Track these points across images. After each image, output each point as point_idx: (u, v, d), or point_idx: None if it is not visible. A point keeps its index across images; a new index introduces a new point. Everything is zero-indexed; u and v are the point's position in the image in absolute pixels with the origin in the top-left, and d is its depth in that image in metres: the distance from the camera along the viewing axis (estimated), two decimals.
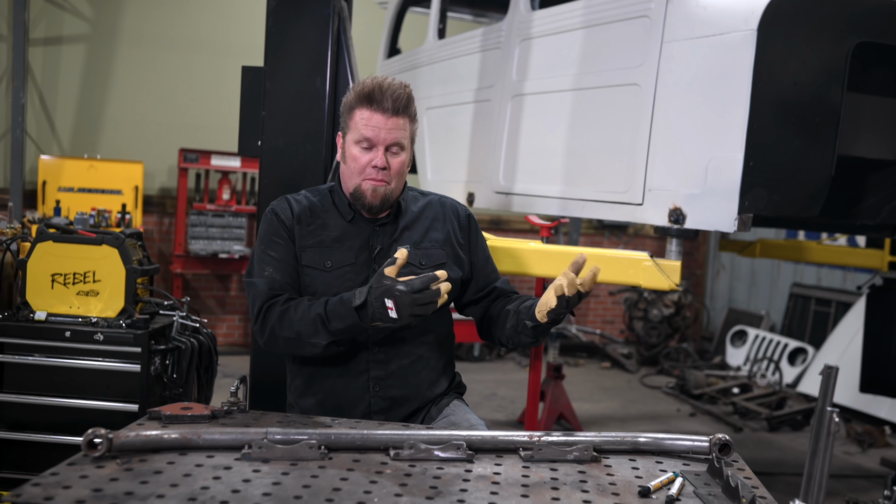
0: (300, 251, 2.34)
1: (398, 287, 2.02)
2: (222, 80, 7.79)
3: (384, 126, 2.26)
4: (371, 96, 2.25)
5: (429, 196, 2.53)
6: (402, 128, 2.29)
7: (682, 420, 6.60)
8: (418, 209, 2.45)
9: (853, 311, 7.56)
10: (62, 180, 7.18)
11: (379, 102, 2.25)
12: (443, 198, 2.54)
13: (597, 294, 9.52)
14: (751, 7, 2.65)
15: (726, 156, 2.68)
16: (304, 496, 1.58)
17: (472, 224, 2.52)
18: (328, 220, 2.38)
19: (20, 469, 3.31)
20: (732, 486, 1.72)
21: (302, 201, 2.41)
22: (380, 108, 2.25)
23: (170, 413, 2.01)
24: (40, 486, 1.55)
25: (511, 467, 1.85)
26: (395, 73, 5.30)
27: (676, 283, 2.87)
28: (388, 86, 2.26)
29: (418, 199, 2.49)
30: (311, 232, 2.36)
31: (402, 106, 2.27)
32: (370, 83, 2.27)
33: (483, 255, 2.53)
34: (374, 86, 2.26)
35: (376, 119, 2.26)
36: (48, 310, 3.30)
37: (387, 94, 2.24)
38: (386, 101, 2.24)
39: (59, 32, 7.50)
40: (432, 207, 2.48)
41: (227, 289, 8.10)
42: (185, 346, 3.40)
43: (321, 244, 2.34)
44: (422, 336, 2.38)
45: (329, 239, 2.35)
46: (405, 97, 2.28)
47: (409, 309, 2.02)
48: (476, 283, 2.50)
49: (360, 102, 2.27)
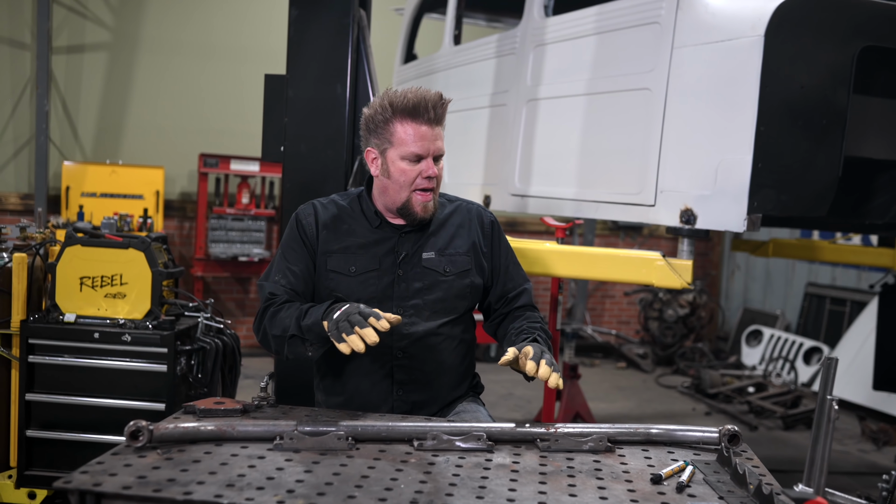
0: (326, 256, 2.38)
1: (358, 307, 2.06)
2: (241, 85, 7.92)
3: (430, 137, 2.28)
4: (416, 109, 2.26)
5: (455, 202, 2.55)
6: (442, 136, 2.33)
7: (698, 419, 6.65)
8: (444, 216, 2.48)
9: (868, 310, 7.57)
10: (85, 185, 7.32)
11: (423, 114, 2.27)
12: (469, 203, 2.57)
13: (612, 295, 9.58)
14: (758, 13, 2.73)
15: (735, 158, 2.76)
16: (335, 483, 1.68)
17: (495, 231, 2.54)
18: (354, 225, 2.42)
19: (51, 467, 3.43)
20: (740, 472, 1.80)
21: (329, 207, 2.45)
22: (425, 120, 2.27)
23: (204, 407, 2.11)
24: (88, 474, 1.65)
25: (529, 457, 1.94)
26: (411, 78, 5.40)
27: (688, 282, 2.95)
28: (429, 98, 2.27)
29: (445, 205, 2.51)
30: (336, 237, 2.39)
31: (441, 115, 2.30)
32: (412, 96, 2.27)
33: (504, 262, 2.54)
34: (418, 99, 2.26)
35: (423, 131, 2.27)
36: (77, 312, 3.41)
37: (429, 104, 2.26)
38: (430, 112, 2.27)
39: (81, 40, 7.65)
40: (459, 214, 2.50)
41: (247, 291, 8.22)
42: (210, 347, 3.49)
43: (346, 249, 2.38)
44: (445, 342, 2.43)
45: (355, 245, 2.39)
46: (444, 108, 2.31)
47: (342, 316, 2.03)
48: (494, 291, 2.53)
49: (403, 116, 2.28)
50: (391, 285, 2.37)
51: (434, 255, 2.40)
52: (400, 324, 2.29)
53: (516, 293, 2.54)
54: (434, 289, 2.39)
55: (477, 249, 2.47)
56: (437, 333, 2.40)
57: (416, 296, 2.38)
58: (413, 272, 2.38)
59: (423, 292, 2.38)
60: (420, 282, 2.38)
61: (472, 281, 2.45)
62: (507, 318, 2.52)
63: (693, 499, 1.72)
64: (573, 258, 3.23)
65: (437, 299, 2.39)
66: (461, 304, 2.45)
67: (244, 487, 1.63)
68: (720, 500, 1.71)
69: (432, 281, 2.39)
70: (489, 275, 2.51)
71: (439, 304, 2.40)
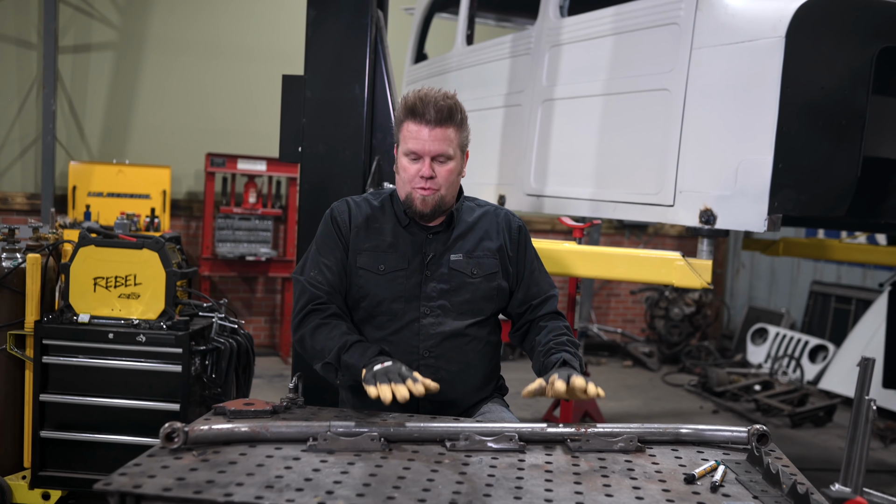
0: (356, 254, 2.42)
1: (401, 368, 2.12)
2: (248, 84, 7.92)
3: (428, 138, 2.31)
4: (414, 109, 2.32)
5: (484, 206, 2.57)
6: (447, 137, 2.33)
7: (706, 417, 6.67)
8: (473, 219, 2.50)
9: (874, 308, 7.60)
10: (92, 185, 7.31)
11: (422, 115, 2.31)
12: (497, 208, 2.59)
13: (617, 293, 9.60)
14: (779, 15, 2.74)
15: (756, 158, 2.78)
16: (373, 483, 1.69)
17: (521, 236, 2.56)
18: (385, 224, 2.46)
19: (65, 467, 3.43)
20: (773, 472, 1.81)
21: (362, 205, 2.49)
22: (423, 121, 2.31)
23: (234, 409, 2.12)
24: (127, 476, 1.66)
25: (560, 457, 1.96)
26: (422, 78, 5.41)
27: (708, 282, 2.96)
28: (431, 98, 2.31)
29: (474, 209, 2.53)
30: (367, 236, 2.43)
31: (444, 116, 2.31)
32: (412, 96, 2.34)
33: (529, 267, 2.55)
34: (416, 99, 2.32)
35: (420, 131, 2.32)
36: (91, 312, 3.40)
37: (428, 106, 2.30)
38: (428, 113, 2.30)
39: (87, 40, 7.64)
40: (487, 218, 2.52)
41: (254, 291, 8.23)
42: (224, 347, 3.49)
43: (377, 248, 2.42)
44: (472, 344, 2.45)
45: (385, 244, 2.43)
46: (447, 108, 2.32)
47: (382, 371, 2.11)
48: (517, 296, 2.54)
49: (406, 116, 2.34)
50: (419, 285, 2.40)
51: (462, 257, 2.43)
52: (427, 323, 2.31)
53: (541, 300, 2.54)
54: (461, 290, 2.41)
55: (504, 253, 2.49)
56: (463, 334, 2.42)
57: (442, 297, 2.40)
58: (440, 273, 2.41)
59: (449, 294, 2.41)
60: (447, 283, 2.41)
61: (498, 284, 2.47)
62: (532, 329, 2.53)
63: (728, 498, 1.73)
64: (593, 258, 3.24)
65: (463, 301, 2.42)
66: (488, 307, 2.47)
67: (283, 489, 1.64)
68: (755, 499, 1.73)
69: (459, 283, 2.41)
70: (514, 279, 2.52)
71: (466, 305, 2.42)
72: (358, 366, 2.20)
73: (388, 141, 3.32)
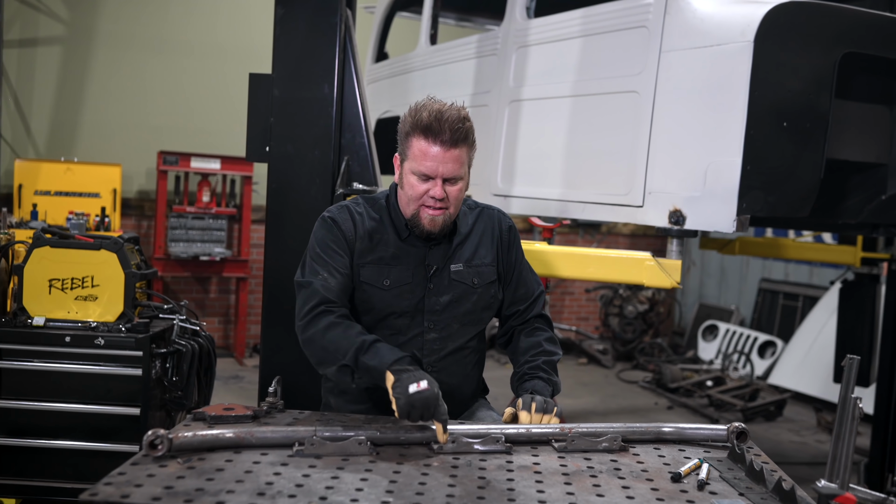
0: (359, 267, 2.32)
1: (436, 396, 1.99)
2: (201, 81, 7.79)
3: (442, 160, 2.19)
4: (429, 128, 2.17)
5: (476, 208, 2.51)
6: (460, 158, 2.22)
7: (661, 413, 6.78)
8: (470, 225, 2.45)
9: (820, 304, 7.82)
10: (39, 184, 7.11)
11: (437, 135, 2.17)
12: (488, 209, 2.53)
13: (572, 292, 9.69)
14: (747, 20, 2.80)
15: (725, 160, 2.83)
16: (365, 488, 1.68)
17: (511, 237, 2.51)
18: (385, 236, 2.35)
19: (21, 475, 3.31)
20: (756, 469, 1.85)
21: (364, 215, 2.37)
22: (437, 141, 2.18)
23: (214, 414, 2.08)
24: (113, 486, 1.62)
25: (548, 457, 1.97)
26: (383, 77, 5.38)
27: (678, 281, 3.01)
28: (447, 118, 2.17)
29: (467, 213, 2.47)
30: (371, 248, 2.33)
31: (460, 138, 2.19)
32: (427, 115, 2.18)
33: (518, 267, 2.52)
34: (432, 118, 2.17)
35: (434, 152, 2.18)
36: (46, 315, 3.29)
37: (445, 126, 2.16)
38: (444, 134, 2.17)
39: (34, 34, 7.44)
40: (482, 221, 2.47)
41: (207, 291, 8.11)
42: (186, 349, 3.42)
43: (380, 261, 2.33)
44: (470, 355, 2.46)
45: (387, 256, 2.33)
46: (464, 130, 2.20)
47: (420, 396, 1.96)
48: (506, 296, 2.52)
49: (417, 132, 2.21)
50: (423, 299, 2.34)
51: (462, 266, 2.38)
52: (430, 339, 2.35)
53: (529, 303, 2.53)
54: (463, 301, 2.38)
55: (497, 259, 2.47)
56: (465, 347, 2.43)
57: (445, 309, 2.36)
58: (443, 285, 2.36)
59: (452, 305, 2.37)
60: (449, 294, 2.36)
61: (496, 292, 2.46)
62: (515, 337, 2.54)
63: (715, 496, 1.76)
64: (565, 258, 3.26)
65: (465, 312, 2.39)
66: (487, 315, 2.47)
67: (275, 496, 1.62)
68: (741, 496, 1.76)
69: (461, 293, 2.37)
70: (503, 279, 2.51)
71: (468, 316, 2.40)
72: (381, 368, 2.05)
73: (357, 141, 3.29)
